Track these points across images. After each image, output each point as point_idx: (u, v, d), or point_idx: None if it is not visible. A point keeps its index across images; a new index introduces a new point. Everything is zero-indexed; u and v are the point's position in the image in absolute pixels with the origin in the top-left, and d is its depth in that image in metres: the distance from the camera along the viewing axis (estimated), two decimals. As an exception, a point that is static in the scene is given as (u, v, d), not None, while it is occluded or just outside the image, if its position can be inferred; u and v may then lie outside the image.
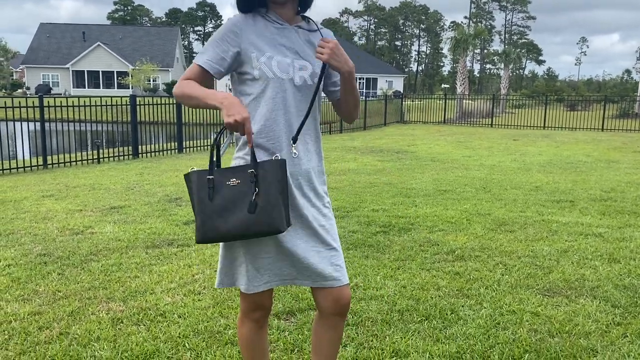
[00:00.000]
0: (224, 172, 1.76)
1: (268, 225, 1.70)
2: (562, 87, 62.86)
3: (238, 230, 1.71)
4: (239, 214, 1.70)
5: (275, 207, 1.71)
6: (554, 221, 5.51)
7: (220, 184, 1.74)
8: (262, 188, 1.71)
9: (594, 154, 12.07)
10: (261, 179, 1.72)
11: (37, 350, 2.75)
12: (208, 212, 1.72)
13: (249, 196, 1.71)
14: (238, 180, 1.73)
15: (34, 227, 5.21)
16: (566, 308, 3.31)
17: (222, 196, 1.73)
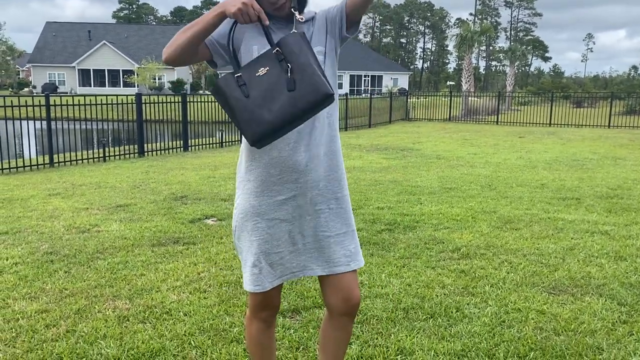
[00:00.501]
0: (249, 66, 1.70)
1: (314, 93, 1.63)
2: (569, 84, 62.56)
3: (286, 112, 1.63)
4: (281, 96, 1.64)
5: (313, 75, 1.64)
6: (559, 219, 5.49)
7: (250, 79, 1.67)
8: (293, 63, 1.65)
9: (601, 151, 12.02)
10: (288, 53, 1.66)
11: (44, 348, 2.77)
12: (250, 108, 1.65)
13: (284, 75, 1.65)
14: (266, 67, 1.67)
15: (41, 225, 5.24)
16: (572, 306, 3.30)
17: (256, 89, 1.66)
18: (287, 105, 1.62)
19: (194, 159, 10.70)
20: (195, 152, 11.99)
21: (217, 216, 5.58)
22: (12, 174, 8.83)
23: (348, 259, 1.88)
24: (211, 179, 7.97)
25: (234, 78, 1.68)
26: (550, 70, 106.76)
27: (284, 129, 1.66)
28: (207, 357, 2.68)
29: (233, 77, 1.68)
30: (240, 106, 1.65)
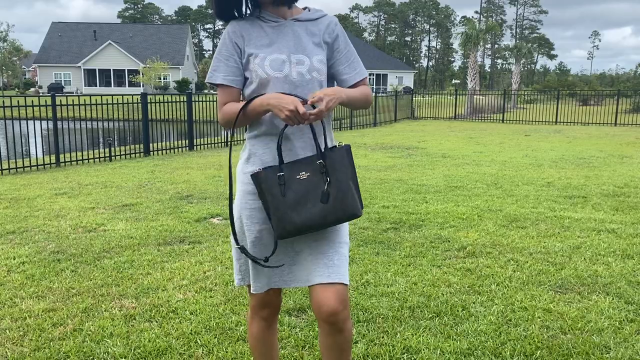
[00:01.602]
0: (292, 166, 1.79)
1: (344, 211, 1.74)
2: (575, 81, 62.28)
3: (314, 221, 1.74)
4: (312, 206, 1.74)
5: (347, 193, 1.75)
6: (566, 217, 5.47)
7: (290, 179, 1.77)
8: (332, 177, 1.75)
9: (607, 149, 11.96)
10: (330, 168, 1.76)
11: (51, 347, 2.78)
12: (283, 208, 1.75)
13: (321, 187, 1.75)
14: (307, 173, 1.76)
15: (48, 224, 5.26)
16: (578, 305, 3.29)
17: (294, 191, 1.76)
18: (317, 215, 1.74)
19: (200, 158, 10.73)
20: (200, 152, 12.02)
21: (223, 215, 5.59)
22: (18, 174, 8.88)
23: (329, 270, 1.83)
24: (217, 178, 7.98)
25: (276, 176, 1.77)
26: (556, 68, 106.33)
27: (308, 231, 1.78)
28: (213, 355, 2.69)
29: (275, 173, 1.78)
30: (275, 203, 1.76)
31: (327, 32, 1.92)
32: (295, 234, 1.77)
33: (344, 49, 1.94)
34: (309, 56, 1.86)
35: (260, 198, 1.83)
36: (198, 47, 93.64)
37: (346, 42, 1.95)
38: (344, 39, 1.95)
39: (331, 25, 1.94)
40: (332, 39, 1.92)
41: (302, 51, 1.87)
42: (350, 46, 1.96)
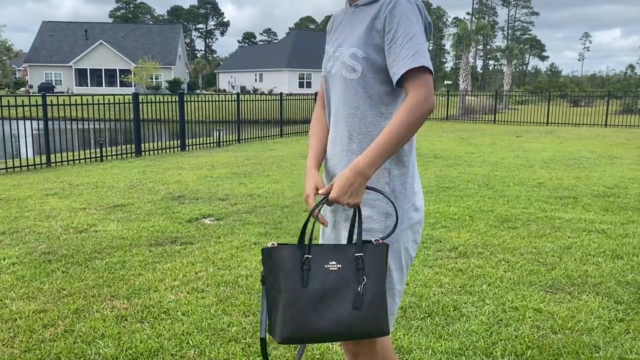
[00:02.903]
0: (323, 251, 1.45)
1: (375, 325, 1.41)
2: (566, 82, 62.68)
3: (337, 329, 1.39)
4: (339, 308, 1.39)
5: (382, 303, 1.43)
6: (557, 217, 5.50)
7: (317, 267, 1.42)
8: (369, 278, 1.42)
9: (597, 150, 12.05)
10: (369, 266, 1.43)
11: (42, 348, 2.77)
12: (301, 303, 1.39)
13: (353, 286, 1.41)
14: (339, 265, 1.43)
15: (38, 225, 5.23)
16: (569, 304, 3.32)
17: (319, 282, 1.41)
18: (343, 323, 1.39)
19: (191, 158, 10.70)
20: (192, 152, 11.98)
21: (215, 216, 5.58)
22: (9, 174, 8.81)
23: None
24: (208, 179, 7.97)
25: (301, 257, 1.43)
26: (548, 69, 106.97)
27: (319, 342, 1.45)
28: (205, 356, 2.69)
29: (300, 254, 1.44)
30: (293, 295, 1.39)
31: (378, 18, 1.55)
32: (306, 342, 1.41)
33: (391, 37, 1.52)
34: (345, 50, 1.61)
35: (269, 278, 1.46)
36: (190, 47, 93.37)
37: (396, 27, 1.52)
38: (394, 23, 1.52)
39: (382, 8, 1.54)
40: (381, 25, 1.54)
41: (341, 43, 1.64)
42: (399, 32, 1.51)
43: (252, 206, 6.03)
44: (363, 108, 1.60)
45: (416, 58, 1.48)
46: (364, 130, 1.61)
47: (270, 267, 1.47)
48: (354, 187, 1.45)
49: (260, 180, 7.79)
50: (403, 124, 1.47)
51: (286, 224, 5.25)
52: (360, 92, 1.60)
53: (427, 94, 1.49)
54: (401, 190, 1.61)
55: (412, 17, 1.52)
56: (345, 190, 1.46)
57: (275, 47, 58.48)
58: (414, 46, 1.49)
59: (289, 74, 50.88)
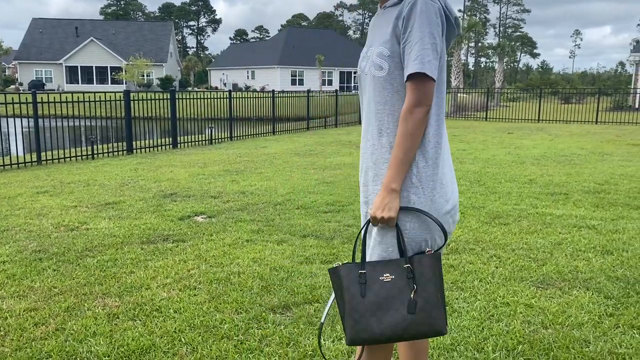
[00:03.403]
0: (376, 265, 1.64)
1: (429, 326, 1.58)
2: (557, 80, 62.98)
3: (394, 331, 1.57)
4: (395, 313, 1.58)
5: (434, 307, 1.58)
6: (547, 214, 5.54)
7: (372, 279, 1.62)
8: (419, 285, 1.59)
9: (588, 147, 12.12)
10: (418, 274, 1.60)
11: (33, 346, 2.76)
12: (361, 310, 1.59)
13: (406, 293, 1.58)
14: (392, 276, 1.61)
15: (29, 223, 5.20)
16: (559, 300, 3.34)
17: (374, 293, 1.60)
18: (399, 326, 1.57)
19: (183, 156, 10.66)
20: (184, 150, 11.95)
21: (207, 213, 5.57)
22: (-1, 172, 8.74)
23: None
24: (201, 176, 7.95)
25: (358, 272, 1.63)
26: (539, 66, 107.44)
27: (382, 342, 1.61)
28: (197, 353, 2.68)
29: (357, 270, 1.64)
30: (353, 304, 1.60)
31: (400, 18, 1.65)
32: (370, 342, 1.60)
33: (406, 37, 1.63)
34: (374, 49, 1.72)
35: (336, 294, 1.68)
36: (182, 44, 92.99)
37: (410, 29, 1.61)
38: (409, 24, 1.62)
39: (403, 8, 1.64)
40: (402, 24, 1.64)
41: (372, 44, 1.74)
42: (413, 33, 1.61)
43: (245, 203, 6.02)
44: (391, 103, 1.69)
45: (416, 63, 1.59)
46: (392, 125, 1.70)
47: (337, 284, 1.68)
48: (385, 202, 1.62)
49: (252, 178, 7.78)
50: (403, 136, 1.62)
51: (278, 221, 5.25)
52: (388, 88, 1.69)
53: (419, 99, 1.61)
54: (428, 181, 1.68)
55: (426, 18, 1.60)
56: (379, 206, 1.63)
57: (267, 44, 58.32)
58: (419, 50, 1.59)
59: (281, 71, 50.79)
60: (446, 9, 1.67)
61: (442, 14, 1.65)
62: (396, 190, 1.63)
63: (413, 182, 1.67)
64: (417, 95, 1.60)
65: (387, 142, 1.70)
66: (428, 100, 1.61)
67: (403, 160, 1.62)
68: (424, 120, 1.62)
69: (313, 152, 11.23)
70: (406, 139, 1.61)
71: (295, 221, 5.21)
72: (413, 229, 1.67)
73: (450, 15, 1.68)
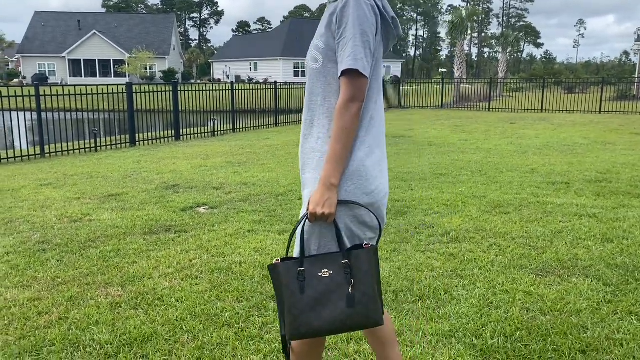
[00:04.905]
0: (314, 262, 1.66)
1: (367, 318, 1.62)
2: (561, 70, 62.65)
3: (333, 324, 1.61)
4: (334, 308, 1.61)
5: (372, 300, 1.62)
6: (548, 203, 5.54)
7: (310, 276, 1.64)
8: (357, 279, 1.62)
9: (591, 136, 12.09)
10: (356, 269, 1.63)
11: (36, 335, 2.80)
12: (300, 306, 1.62)
13: (344, 288, 1.62)
14: (330, 271, 1.63)
15: (33, 215, 5.24)
16: (559, 287, 3.36)
17: (313, 289, 1.63)
18: (338, 320, 1.61)
19: (186, 148, 10.69)
20: (186, 142, 11.97)
21: (209, 204, 5.60)
22: (2, 165, 8.80)
23: None
24: (203, 168, 7.97)
25: (297, 271, 1.65)
26: (542, 56, 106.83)
27: (323, 335, 1.65)
28: (198, 341, 2.72)
29: (296, 267, 1.65)
30: (292, 301, 1.63)
31: (335, 13, 1.68)
32: (310, 336, 1.64)
33: (340, 33, 1.66)
34: (313, 42, 1.76)
35: (276, 291, 1.71)
36: (184, 37, 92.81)
37: (345, 22, 1.64)
38: (345, 18, 1.64)
39: (338, 5, 1.67)
40: (336, 20, 1.68)
41: (314, 37, 1.78)
42: (347, 28, 1.64)
43: (247, 195, 6.05)
44: (323, 96, 1.73)
45: (349, 60, 1.61)
46: (323, 116, 1.73)
47: (276, 280, 1.69)
48: (325, 198, 1.62)
49: (254, 169, 7.80)
50: (340, 130, 1.63)
51: (280, 211, 5.28)
52: (322, 80, 1.73)
53: (352, 95, 1.63)
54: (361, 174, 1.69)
55: (358, 16, 1.63)
56: (318, 202, 1.63)
57: (270, 36, 58.14)
58: (352, 47, 1.62)
59: (283, 63, 50.66)
60: (382, 8, 1.71)
61: (376, 12, 1.68)
62: (335, 185, 1.63)
63: (347, 175, 1.68)
64: (351, 91, 1.63)
65: (316, 133, 1.73)
66: (361, 96, 1.64)
67: (341, 155, 1.63)
68: (358, 115, 1.65)
69: (315, 143, 11.23)
70: (343, 134, 1.63)
71: (297, 212, 5.24)
72: (351, 223, 1.69)
73: (386, 15, 1.72)
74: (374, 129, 1.74)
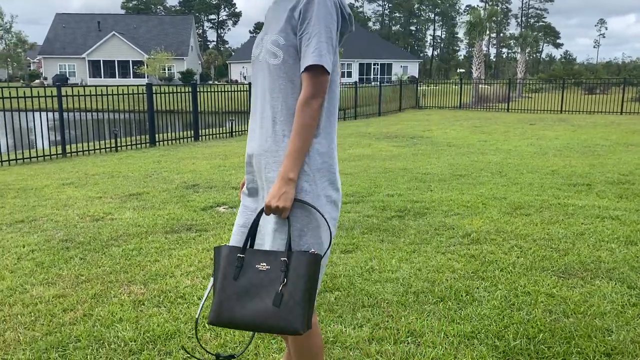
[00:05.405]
0: (256, 253, 1.66)
1: (288, 322, 1.57)
2: (581, 70, 61.87)
3: (254, 320, 1.59)
4: (260, 302, 1.59)
5: (298, 304, 1.58)
6: (570, 204, 5.49)
7: (248, 265, 1.64)
8: (290, 280, 1.59)
9: (612, 137, 11.93)
10: (292, 269, 1.60)
11: (62, 331, 2.84)
12: (229, 292, 1.62)
13: (275, 285, 1.60)
14: (268, 266, 1.63)
15: (56, 213, 5.32)
16: (581, 289, 3.32)
17: (247, 278, 1.63)
18: (260, 316, 1.58)
19: (205, 148, 10.77)
20: (205, 142, 12.06)
21: (229, 204, 5.63)
22: (26, 164, 8.95)
23: None
24: (222, 168, 8.03)
25: (236, 257, 1.66)
26: (562, 56, 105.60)
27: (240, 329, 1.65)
28: (220, 339, 2.74)
29: (236, 254, 1.66)
30: (224, 284, 1.63)
31: (296, 8, 1.69)
32: (228, 326, 1.62)
33: (304, 28, 1.67)
34: (268, 37, 1.75)
35: (214, 274, 1.70)
36: (202, 38, 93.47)
37: (309, 18, 1.66)
38: (309, 14, 1.66)
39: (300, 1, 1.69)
40: (298, 14, 1.68)
41: (269, 32, 1.76)
42: (313, 23, 1.65)
43: (265, 194, 6.07)
44: (284, 92, 1.71)
45: (314, 56, 1.63)
46: (285, 112, 1.72)
47: (216, 262, 1.70)
48: (282, 191, 1.63)
49: (273, 169, 7.83)
50: (301, 127, 1.65)
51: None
52: (282, 77, 1.71)
53: (315, 91, 1.66)
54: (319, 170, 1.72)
55: (323, 12, 1.65)
56: (275, 195, 1.63)
57: (287, 37, 58.19)
58: (317, 43, 1.64)
59: (300, 64, 50.74)
60: (341, 4, 1.72)
61: (338, 8, 1.70)
62: (293, 180, 1.65)
63: (305, 171, 1.69)
64: (314, 87, 1.65)
65: (280, 130, 1.72)
66: (323, 92, 1.67)
67: (301, 150, 1.65)
68: (319, 111, 1.67)
69: (333, 144, 11.24)
70: (303, 130, 1.65)
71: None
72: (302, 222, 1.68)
73: (344, 11, 1.73)
74: (334, 125, 1.79)
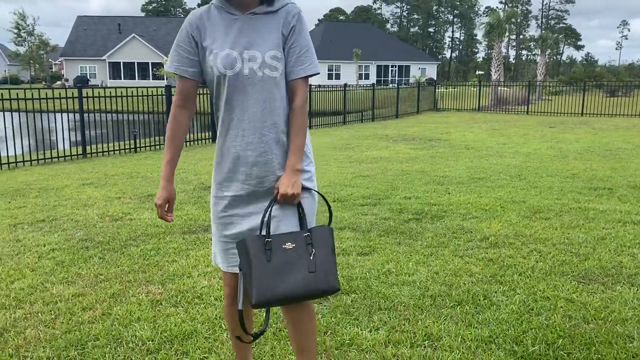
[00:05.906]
0: (280, 235, 1.86)
1: (327, 283, 1.82)
2: (602, 72, 61.01)
3: (295, 290, 1.79)
4: (297, 274, 1.80)
5: (331, 265, 1.85)
6: (590, 209, 5.41)
7: (276, 247, 1.84)
8: (317, 249, 1.84)
9: (635, 141, 11.74)
10: (315, 240, 1.86)
11: (81, 330, 2.87)
12: (267, 272, 1.79)
13: (305, 257, 1.82)
14: (293, 244, 1.84)
15: (75, 213, 5.39)
16: (602, 295, 3.27)
17: (279, 257, 1.82)
18: (300, 285, 1.79)
19: (223, 149, 10.81)
20: (223, 143, 12.10)
21: (246, 205, 5.65)
22: (47, 165, 9.08)
23: None
24: (239, 169, 8.05)
25: (264, 241, 1.84)
26: (583, 59, 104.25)
27: (285, 303, 1.84)
28: (237, 340, 2.74)
29: (263, 239, 1.84)
30: (260, 268, 1.80)
31: (285, 24, 1.88)
32: (273, 302, 1.79)
33: (296, 40, 1.89)
34: (262, 52, 1.85)
35: (242, 261, 1.86)
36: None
37: (300, 33, 1.90)
38: (299, 30, 1.90)
39: (289, 17, 1.89)
40: (287, 31, 1.89)
41: (256, 47, 1.85)
42: (304, 38, 1.90)
43: (282, 196, 6.08)
44: (281, 100, 1.91)
45: (313, 66, 1.92)
46: (282, 117, 1.92)
47: (244, 253, 1.84)
48: (293, 180, 1.90)
49: (290, 171, 7.84)
50: (302, 127, 1.93)
51: (316, 213, 5.29)
52: (281, 87, 1.91)
53: (307, 96, 1.98)
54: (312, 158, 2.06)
55: (306, 29, 1.95)
56: (288, 184, 1.89)
57: (305, 39, 58.35)
58: (312, 55, 1.92)
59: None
60: None
61: None
62: (300, 171, 1.92)
63: (309, 156, 2.01)
64: (306, 92, 1.95)
65: (284, 133, 1.93)
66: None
67: (302, 145, 1.93)
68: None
69: (349, 145, 11.24)
70: (303, 129, 1.93)
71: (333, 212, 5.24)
72: (310, 205, 1.99)
73: None
74: None
